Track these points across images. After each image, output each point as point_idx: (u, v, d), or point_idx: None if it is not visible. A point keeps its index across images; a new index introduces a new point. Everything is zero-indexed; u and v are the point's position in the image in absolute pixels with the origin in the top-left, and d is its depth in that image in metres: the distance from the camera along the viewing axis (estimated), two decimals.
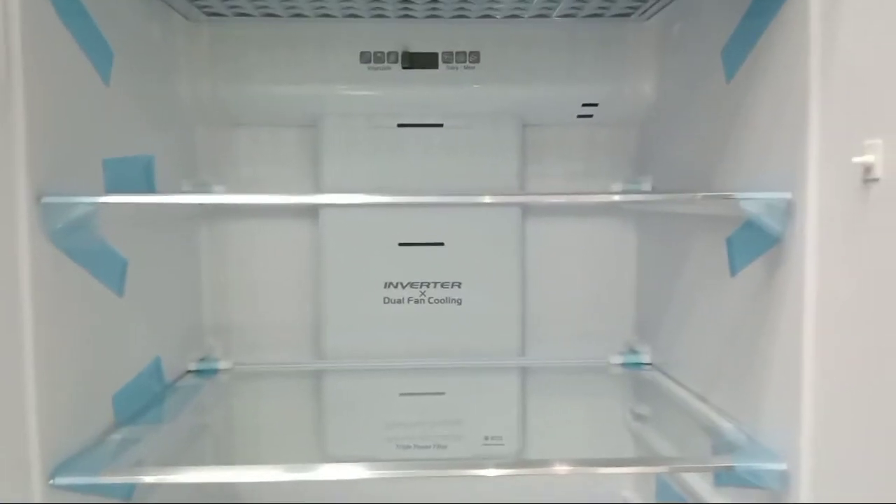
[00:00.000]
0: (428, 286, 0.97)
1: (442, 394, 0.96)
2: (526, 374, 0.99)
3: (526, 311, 0.99)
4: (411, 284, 0.97)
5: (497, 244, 0.97)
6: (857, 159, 0.49)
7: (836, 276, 0.54)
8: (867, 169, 0.48)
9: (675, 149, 0.87)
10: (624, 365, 0.96)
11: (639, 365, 0.95)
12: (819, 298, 0.56)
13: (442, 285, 0.97)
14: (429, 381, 0.97)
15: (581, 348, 1.00)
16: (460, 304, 0.97)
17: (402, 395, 0.96)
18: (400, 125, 0.95)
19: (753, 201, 0.59)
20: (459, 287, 0.97)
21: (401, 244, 0.96)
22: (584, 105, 0.94)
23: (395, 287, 0.97)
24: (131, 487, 0.70)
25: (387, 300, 0.97)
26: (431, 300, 0.97)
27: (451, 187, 0.95)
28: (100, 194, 0.63)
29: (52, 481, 0.56)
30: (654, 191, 0.91)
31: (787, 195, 0.57)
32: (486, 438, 0.99)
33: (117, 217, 0.69)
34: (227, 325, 0.98)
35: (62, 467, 0.57)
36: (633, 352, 0.97)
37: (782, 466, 0.58)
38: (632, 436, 1.01)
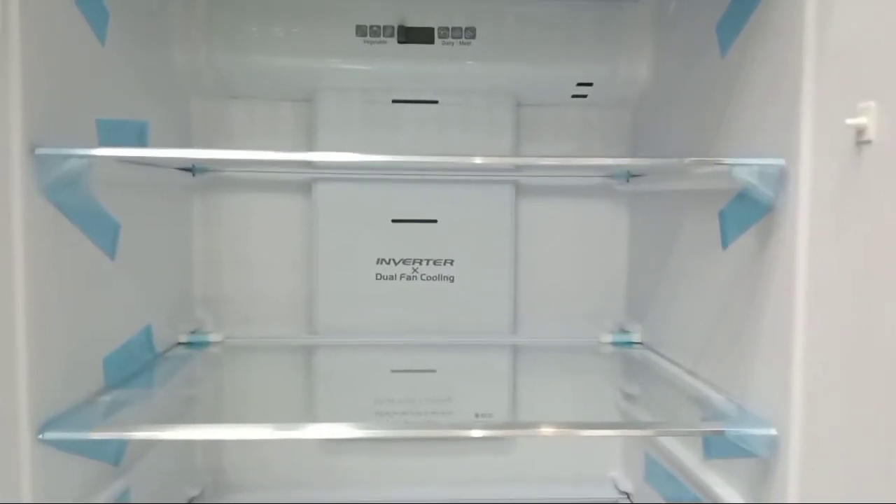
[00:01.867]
0: (420, 263, 0.97)
1: (433, 371, 0.96)
2: (517, 351, 0.99)
3: (518, 290, 0.99)
4: (404, 261, 0.97)
5: (490, 223, 0.97)
6: (850, 121, 0.49)
7: (828, 241, 0.55)
8: (860, 131, 0.49)
9: (669, 128, 0.88)
10: (614, 344, 0.97)
11: (629, 344, 0.96)
12: (810, 264, 0.56)
13: (434, 262, 0.97)
14: (420, 357, 0.97)
15: (572, 327, 1.00)
16: (452, 281, 0.97)
17: (393, 371, 0.96)
18: (395, 101, 0.94)
19: (746, 168, 0.59)
20: (452, 264, 0.97)
21: (394, 220, 0.96)
22: (578, 84, 0.94)
23: (388, 263, 0.97)
24: (120, 451, 0.69)
25: (379, 276, 0.97)
26: (424, 277, 0.97)
27: (445, 165, 0.95)
28: None
29: (40, 436, 0.55)
30: (647, 172, 0.92)
31: (781, 161, 0.57)
32: (477, 416, 0.99)
33: (110, 180, 0.68)
34: (218, 299, 0.98)
35: (51, 423, 0.57)
36: (624, 331, 0.98)
37: (772, 432, 0.59)
38: (621, 415, 1.02)
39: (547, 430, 0.60)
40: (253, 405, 0.93)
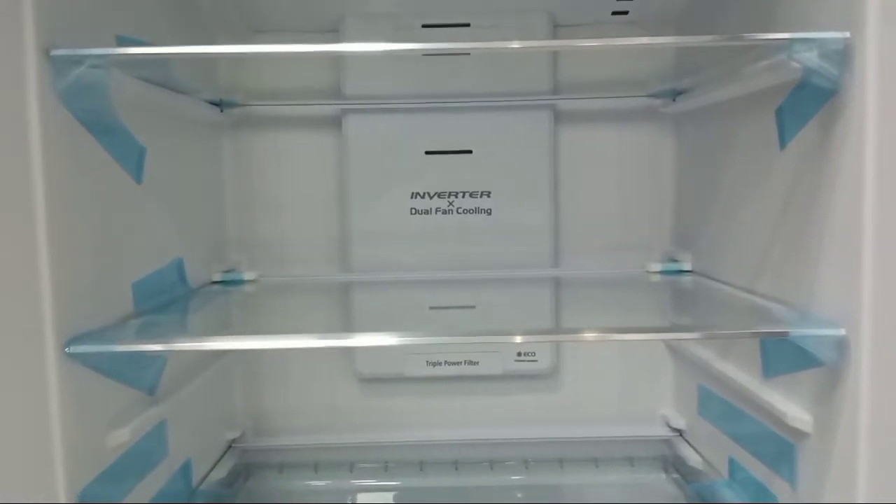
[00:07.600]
0: (456, 196, 0.93)
1: (472, 307, 0.93)
2: (559, 285, 0.95)
3: (559, 221, 0.95)
4: (439, 194, 0.93)
5: (527, 151, 0.93)
6: None
7: None
8: None
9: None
10: (663, 273, 0.92)
11: (679, 272, 0.91)
12: (880, 147, 0.51)
13: (471, 195, 0.93)
14: (459, 293, 0.94)
15: (616, 259, 0.96)
16: (490, 214, 0.94)
17: (431, 308, 0.93)
18: (424, 26, 0.91)
19: (806, 46, 0.54)
20: (489, 196, 0.93)
21: (427, 152, 0.93)
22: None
23: (423, 197, 0.93)
24: (155, 378, 0.68)
25: (414, 211, 0.93)
26: (460, 210, 0.94)
27: (478, 90, 0.92)
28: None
29: (67, 349, 0.53)
30: (695, 87, 0.86)
31: (845, 34, 0.52)
32: (519, 354, 0.96)
33: (135, 103, 0.66)
34: (252, 240, 0.96)
35: (78, 338, 0.55)
36: (673, 260, 0.93)
37: (840, 332, 0.54)
38: (669, 349, 0.98)
39: (590, 336, 0.57)
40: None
